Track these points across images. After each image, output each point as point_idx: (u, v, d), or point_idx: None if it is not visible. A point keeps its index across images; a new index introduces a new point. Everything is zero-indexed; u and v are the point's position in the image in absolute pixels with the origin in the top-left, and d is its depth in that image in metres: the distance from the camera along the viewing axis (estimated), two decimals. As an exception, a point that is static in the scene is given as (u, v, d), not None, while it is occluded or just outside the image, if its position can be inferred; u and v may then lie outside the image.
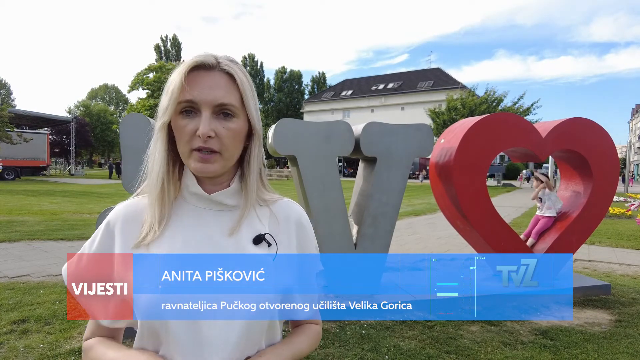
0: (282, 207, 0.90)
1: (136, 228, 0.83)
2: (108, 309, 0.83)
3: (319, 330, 0.96)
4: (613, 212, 12.22)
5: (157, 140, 0.81)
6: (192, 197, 0.84)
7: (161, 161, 0.81)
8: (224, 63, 0.78)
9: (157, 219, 0.80)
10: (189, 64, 0.76)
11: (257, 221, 0.85)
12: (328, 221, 3.93)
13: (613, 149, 4.81)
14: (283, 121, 3.79)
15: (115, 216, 0.85)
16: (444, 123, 29.89)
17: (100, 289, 0.83)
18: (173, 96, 0.76)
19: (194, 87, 0.76)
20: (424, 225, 10.27)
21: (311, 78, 66.31)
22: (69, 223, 9.14)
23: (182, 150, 0.79)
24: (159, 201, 0.81)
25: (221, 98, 0.76)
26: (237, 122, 0.79)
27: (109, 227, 0.85)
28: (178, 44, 54.96)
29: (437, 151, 4.57)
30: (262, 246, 0.83)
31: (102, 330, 0.87)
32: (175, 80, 0.76)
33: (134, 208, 0.85)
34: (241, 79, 0.79)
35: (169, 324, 0.75)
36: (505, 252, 4.53)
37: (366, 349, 3.20)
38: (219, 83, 0.77)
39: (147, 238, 0.79)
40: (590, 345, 3.39)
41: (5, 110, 24.48)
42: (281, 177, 35.37)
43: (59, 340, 3.28)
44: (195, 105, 0.76)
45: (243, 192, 0.84)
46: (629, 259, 6.77)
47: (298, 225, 0.90)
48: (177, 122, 0.77)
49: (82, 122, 45.23)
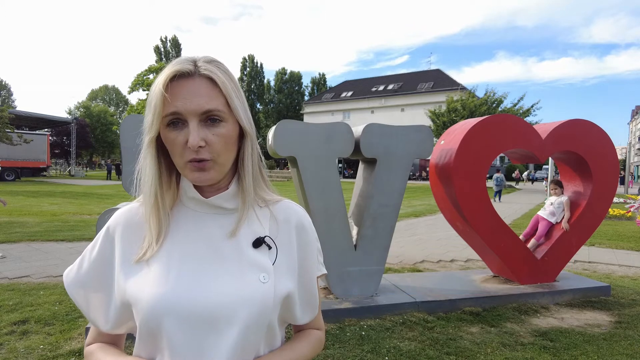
0: (283, 209, 0.89)
1: (136, 235, 0.82)
2: (108, 316, 0.83)
3: (321, 336, 0.94)
4: (613, 213, 12.22)
5: (146, 156, 0.79)
6: (190, 201, 0.84)
7: (152, 176, 0.79)
8: (202, 67, 0.76)
9: (155, 234, 0.80)
10: (167, 75, 0.74)
11: (257, 224, 0.84)
12: (328, 222, 3.93)
13: (613, 150, 4.81)
14: (283, 122, 3.80)
15: (115, 222, 0.85)
16: (443, 124, 29.89)
17: (100, 296, 0.83)
18: (157, 111, 0.74)
19: (176, 98, 0.73)
20: (424, 227, 10.27)
21: (311, 79, 66.27)
22: (69, 224, 9.13)
23: (176, 162, 0.77)
24: (155, 215, 0.80)
25: (205, 105, 0.74)
26: (226, 127, 0.77)
27: (109, 233, 0.84)
28: (178, 44, 54.99)
29: (437, 152, 4.57)
30: (262, 249, 0.82)
31: (103, 337, 0.87)
32: (156, 93, 0.74)
33: (135, 213, 0.85)
34: (223, 81, 0.76)
35: (166, 330, 0.74)
36: (506, 253, 4.54)
37: (366, 350, 3.20)
38: (200, 90, 0.74)
39: (146, 254, 0.79)
40: (590, 346, 3.39)
41: (5, 111, 24.49)
42: (281, 178, 35.34)
43: (59, 341, 3.28)
44: (180, 116, 0.74)
45: (240, 194, 0.83)
46: (629, 261, 6.77)
47: (299, 228, 0.88)
48: (165, 135, 0.76)
49: (83, 123, 45.26)
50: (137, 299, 0.76)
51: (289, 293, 0.82)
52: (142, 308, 0.75)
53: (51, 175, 35.22)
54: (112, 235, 0.84)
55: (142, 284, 0.77)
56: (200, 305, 0.75)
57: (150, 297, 0.75)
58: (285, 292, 0.81)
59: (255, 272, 0.79)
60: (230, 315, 0.75)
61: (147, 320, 0.75)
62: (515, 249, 4.58)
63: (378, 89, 50.66)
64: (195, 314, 0.74)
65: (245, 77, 60.09)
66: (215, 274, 0.78)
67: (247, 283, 0.77)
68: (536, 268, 4.67)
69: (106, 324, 0.83)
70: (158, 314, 0.74)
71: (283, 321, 0.88)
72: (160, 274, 0.77)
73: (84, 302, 0.84)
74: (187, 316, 0.74)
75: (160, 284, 0.76)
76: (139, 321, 0.77)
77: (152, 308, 0.75)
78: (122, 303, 0.80)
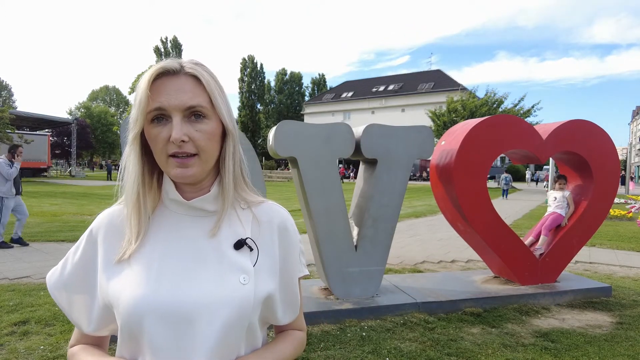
0: (265, 210, 0.89)
1: (118, 236, 0.83)
2: (91, 318, 0.83)
3: (303, 337, 0.95)
4: (614, 214, 12.20)
5: (130, 152, 0.80)
6: (172, 203, 0.84)
7: (135, 173, 0.80)
8: (188, 66, 0.78)
9: (135, 233, 0.80)
10: (153, 72, 0.76)
11: (239, 225, 0.84)
12: (328, 223, 3.93)
13: (614, 150, 4.81)
14: (283, 123, 3.79)
15: (98, 224, 0.86)
16: (444, 125, 29.87)
17: (83, 298, 0.84)
18: (141, 106, 0.75)
19: (161, 94, 0.75)
20: (425, 227, 10.26)
21: (311, 80, 66.28)
22: (69, 224, 9.15)
23: (158, 158, 0.78)
24: (136, 213, 0.80)
25: (189, 100, 0.75)
26: (209, 124, 0.78)
27: (92, 235, 0.85)
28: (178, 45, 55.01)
29: (437, 153, 4.57)
30: (244, 251, 0.82)
31: (87, 338, 0.87)
32: (141, 89, 0.75)
33: (117, 215, 0.85)
34: (207, 80, 0.78)
35: (147, 330, 0.74)
36: (506, 253, 4.53)
37: (367, 351, 3.19)
38: (185, 86, 0.76)
39: (126, 253, 0.79)
40: (592, 347, 3.38)
41: (6, 112, 24.48)
42: (282, 178, 35.38)
43: (60, 342, 3.28)
44: (164, 111, 0.75)
45: (220, 193, 0.83)
46: (630, 261, 6.76)
47: (281, 230, 0.88)
48: (149, 131, 0.77)
49: (83, 124, 45.32)
50: (118, 300, 0.77)
51: (270, 294, 0.82)
52: (123, 309, 0.76)
53: (52, 175, 35.25)
54: (95, 237, 0.84)
55: (122, 285, 0.78)
56: (181, 306, 0.75)
57: (130, 298, 0.75)
58: (265, 293, 0.81)
59: (235, 273, 0.79)
60: (210, 316, 0.75)
61: (128, 321, 0.75)
62: (516, 250, 4.57)
63: (378, 89, 50.68)
64: (176, 314, 0.74)
65: (245, 78, 60.03)
66: (196, 276, 0.78)
67: (227, 284, 0.77)
68: (537, 269, 4.66)
69: (89, 325, 0.84)
70: (138, 315, 0.74)
71: (264, 322, 0.88)
72: (140, 275, 0.77)
73: (67, 304, 0.85)
74: (167, 317, 0.74)
75: (140, 285, 0.76)
76: (120, 322, 0.77)
77: (132, 309, 0.75)
78: (104, 304, 0.81)
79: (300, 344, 0.93)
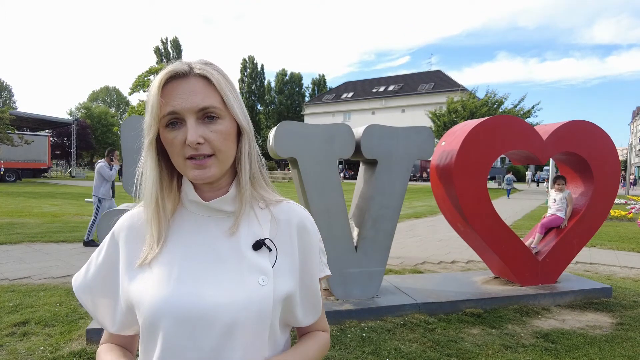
0: (284, 210, 0.88)
1: (139, 239, 0.83)
2: (115, 319, 0.85)
3: (327, 338, 0.94)
4: (614, 214, 12.20)
5: (146, 158, 0.80)
6: (191, 204, 0.84)
7: (153, 178, 0.80)
8: (197, 67, 0.77)
9: (156, 238, 0.81)
10: (163, 76, 0.76)
11: (257, 226, 0.84)
12: (329, 223, 3.92)
13: (614, 151, 4.81)
14: (284, 124, 3.79)
15: (120, 227, 0.87)
16: (444, 125, 29.90)
17: (107, 300, 0.85)
18: (154, 112, 0.75)
19: (173, 98, 0.75)
20: (425, 228, 10.26)
21: (311, 80, 66.34)
22: (69, 225, 9.15)
23: (176, 162, 0.78)
24: (156, 219, 0.81)
25: (201, 102, 0.75)
26: (223, 124, 0.77)
27: (114, 238, 0.86)
28: (178, 45, 55.09)
29: (437, 154, 4.57)
30: (262, 252, 0.81)
31: (115, 338, 0.89)
32: (152, 95, 0.76)
33: (138, 218, 0.86)
34: (218, 80, 0.78)
35: (166, 332, 0.75)
36: (506, 254, 4.53)
37: (367, 352, 3.19)
38: (196, 88, 0.76)
39: (147, 257, 0.80)
40: (592, 348, 3.38)
41: (6, 113, 24.53)
42: (282, 179, 35.37)
43: (60, 342, 3.27)
44: (178, 115, 0.75)
45: (238, 192, 0.83)
46: (630, 262, 6.75)
47: (300, 229, 0.88)
48: (164, 136, 0.77)
49: (83, 124, 45.33)
50: (139, 302, 0.77)
51: (289, 295, 0.82)
52: (145, 310, 0.76)
53: (52, 176, 35.25)
54: (116, 240, 0.86)
55: (144, 287, 0.78)
56: (200, 308, 0.75)
57: (151, 299, 0.76)
58: (284, 293, 0.81)
59: (254, 274, 0.78)
60: (230, 318, 0.75)
61: (148, 322, 0.76)
62: (516, 250, 4.57)
63: (379, 90, 50.71)
64: (195, 316, 0.74)
65: (245, 78, 60.13)
66: (215, 277, 0.78)
67: (246, 285, 0.77)
68: (537, 269, 4.66)
69: (113, 325, 0.86)
70: (158, 317, 0.75)
71: (285, 324, 0.87)
72: (161, 277, 0.78)
73: (92, 305, 0.87)
74: (186, 319, 0.74)
75: (161, 287, 0.77)
76: (141, 323, 0.78)
77: (152, 311, 0.75)
78: (127, 306, 0.82)
79: (325, 345, 0.92)
